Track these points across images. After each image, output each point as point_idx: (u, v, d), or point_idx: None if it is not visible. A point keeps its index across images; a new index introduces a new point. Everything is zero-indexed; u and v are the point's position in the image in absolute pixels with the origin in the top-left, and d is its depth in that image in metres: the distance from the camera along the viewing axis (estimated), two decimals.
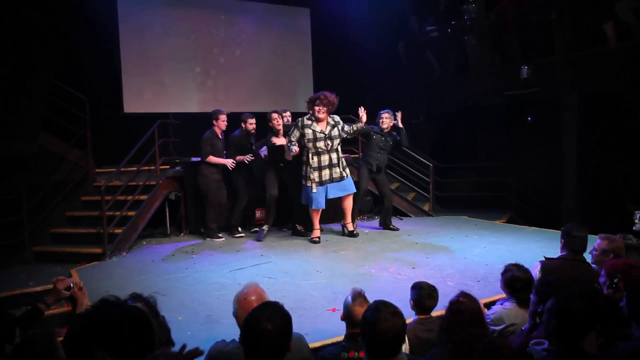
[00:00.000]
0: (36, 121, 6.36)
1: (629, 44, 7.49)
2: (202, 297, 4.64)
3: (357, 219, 7.54)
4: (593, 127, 8.30)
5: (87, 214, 6.95)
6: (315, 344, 3.33)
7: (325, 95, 6.50)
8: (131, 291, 2.30)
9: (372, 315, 2.28)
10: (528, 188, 9.32)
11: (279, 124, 6.89)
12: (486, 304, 3.40)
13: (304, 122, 6.57)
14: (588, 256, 3.75)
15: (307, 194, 6.65)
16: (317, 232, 6.79)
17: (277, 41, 10.11)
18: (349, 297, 2.87)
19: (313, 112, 6.52)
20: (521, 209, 9.20)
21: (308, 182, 6.58)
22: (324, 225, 7.04)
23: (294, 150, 6.49)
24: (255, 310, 2.14)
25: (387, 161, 7.65)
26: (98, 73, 8.07)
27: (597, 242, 3.67)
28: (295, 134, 6.56)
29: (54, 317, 4.28)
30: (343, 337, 2.88)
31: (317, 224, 6.77)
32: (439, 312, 3.18)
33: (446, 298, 2.93)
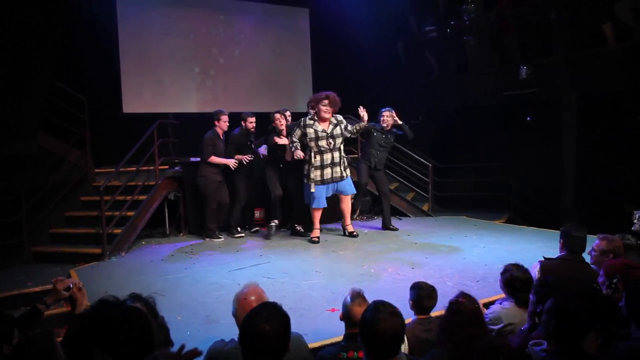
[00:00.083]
0: (36, 121, 6.36)
1: (628, 45, 7.49)
2: (201, 297, 4.64)
3: (357, 218, 7.55)
4: (592, 128, 8.31)
5: (86, 214, 6.94)
6: (315, 344, 3.33)
7: (334, 95, 6.55)
8: (130, 291, 2.30)
9: (371, 315, 2.28)
10: (527, 188, 9.33)
11: (282, 125, 6.89)
12: (485, 304, 3.40)
13: (306, 122, 6.59)
14: (587, 256, 3.75)
15: (308, 193, 6.66)
16: (316, 231, 6.79)
17: (277, 41, 10.11)
18: (348, 297, 2.87)
19: (318, 111, 6.52)
20: (520, 209, 9.20)
21: (311, 181, 6.59)
22: (323, 226, 7.04)
23: (299, 154, 6.49)
24: (253, 311, 2.14)
25: (386, 160, 7.66)
26: (97, 73, 8.07)
27: (595, 243, 3.66)
28: (297, 133, 6.58)
29: (53, 318, 4.27)
30: (342, 337, 2.88)
31: (317, 223, 6.78)
32: (438, 312, 3.19)
33: (445, 298, 2.93)
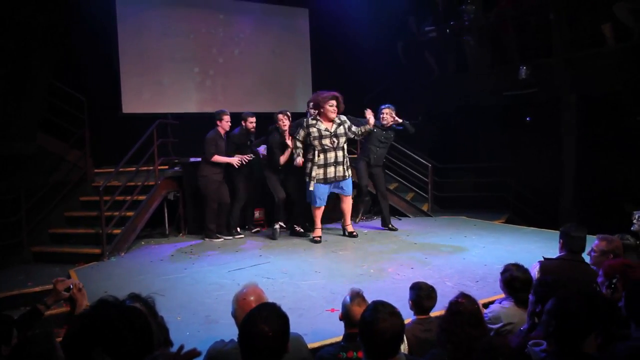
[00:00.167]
0: (35, 121, 6.36)
1: (627, 45, 7.50)
2: (200, 297, 4.64)
3: (357, 221, 7.55)
4: (592, 128, 8.31)
5: (85, 214, 6.95)
6: (314, 344, 3.33)
7: (341, 96, 6.59)
8: (130, 291, 2.30)
9: (371, 316, 2.28)
10: (527, 188, 9.33)
11: (285, 125, 6.88)
12: (485, 304, 3.40)
13: (309, 122, 6.62)
14: (587, 257, 3.75)
15: (312, 193, 6.66)
16: (318, 231, 6.80)
17: (276, 41, 10.11)
18: (347, 297, 2.87)
19: (324, 111, 6.53)
20: (520, 209, 9.20)
21: (313, 180, 6.58)
22: (322, 226, 7.02)
23: (299, 162, 6.55)
24: (252, 312, 2.13)
25: (386, 160, 7.65)
26: (97, 73, 8.08)
27: (595, 243, 3.65)
28: (301, 133, 6.59)
29: (53, 318, 4.27)
30: (341, 337, 2.88)
31: (318, 223, 6.79)
32: (437, 313, 3.19)
33: (445, 298, 2.92)
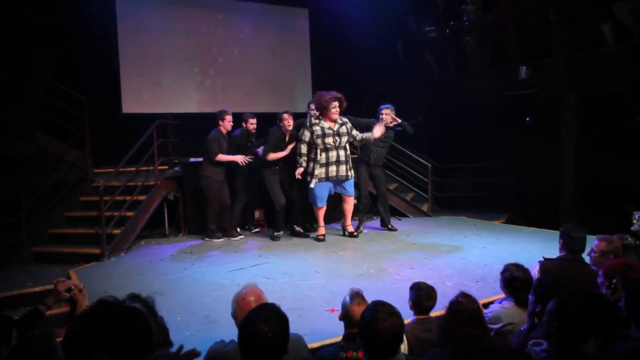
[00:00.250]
0: (35, 121, 6.36)
1: (627, 45, 7.49)
2: (200, 297, 4.64)
3: (361, 230, 7.54)
4: (592, 128, 8.31)
5: (85, 215, 6.95)
6: (314, 344, 3.33)
7: (342, 96, 6.63)
8: (129, 292, 2.30)
9: (370, 315, 2.28)
10: (527, 188, 9.33)
11: (290, 125, 6.88)
12: (485, 305, 3.39)
13: (312, 122, 6.64)
14: (587, 257, 3.75)
15: (314, 193, 6.66)
16: (321, 229, 6.82)
17: (276, 41, 10.10)
18: (347, 297, 2.87)
19: (328, 112, 6.55)
20: (520, 209, 9.20)
21: (316, 179, 6.58)
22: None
23: (299, 172, 6.57)
24: (252, 312, 2.14)
25: (386, 161, 7.65)
26: (96, 73, 8.07)
27: (595, 244, 3.64)
28: (306, 134, 6.61)
29: (53, 318, 4.27)
30: (341, 337, 2.87)
31: (321, 222, 6.81)
32: (437, 313, 3.18)
33: (445, 298, 2.92)
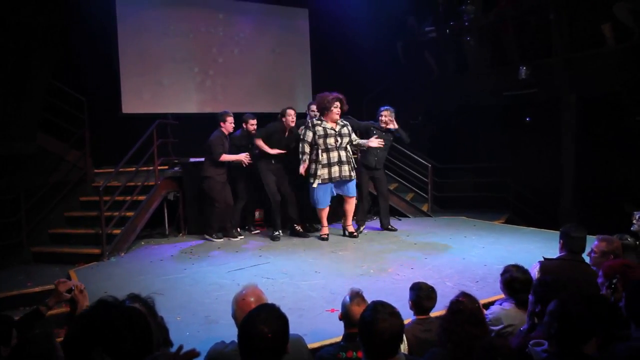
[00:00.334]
0: (35, 121, 6.36)
1: (627, 45, 7.49)
2: (200, 297, 4.64)
3: (365, 221, 7.55)
4: (592, 128, 8.31)
5: (85, 215, 6.94)
6: (314, 344, 3.33)
7: (343, 97, 6.65)
8: (129, 292, 2.30)
9: (370, 315, 2.28)
10: (527, 188, 9.33)
11: (292, 121, 6.88)
12: (485, 305, 3.39)
13: (314, 122, 6.65)
14: (587, 257, 3.75)
15: (315, 194, 6.64)
16: (325, 229, 6.83)
17: (276, 41, 10.10)
18: (347, 297, 2.87)
19: (329, 111, 6.56)
20: (519, 209, 9.20)
21: (318, 180, 6.56)
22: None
23: (302, 168, 6.57)
24: (251, 313, 2.14)
25: (386, 161, 7.65)
26: (96, 73, 8.07)
27: (594, 244, 3.65)
28: (309, 134, 6.60)
29: (53, 318, 4.26)
30: (341, 337, 2.87)
31: (325, 221, 6.82)
32: (437, 313, 3.18)
33: (445, 299, 2.92)
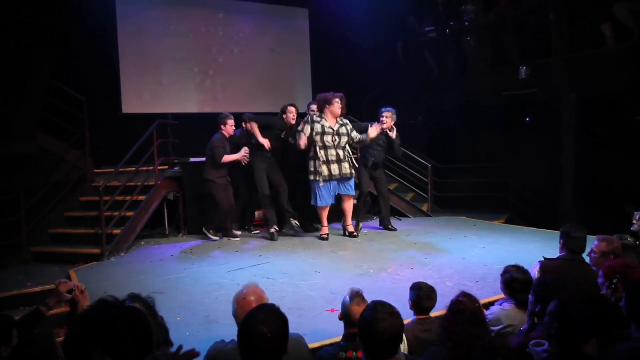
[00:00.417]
0: (35, 121, 6.36)
1: (627, 45, 7.50)
2: (200, 297, 4.64)
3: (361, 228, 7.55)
4: (592, 128, 8.31)
5: (85, 215, 6.94)
6: (314, 344, 3.32)
7: (344, 97, 6.67)
8: (130, 292, 2.30)
9: (370, 315, 2.28)
10: (527, 188, 9.33)
11: (293, 119, 6.88)
12: (485, 305, 3.39)
13: (314, 119, 6.63)
14: (587, 257, 3.75)
15: (315, 192, 6.62)
16: (325, 229, 6.81)
17: (276, 41, 10.11)
18: (347, 297, 2.87)
19: (330, 108, 6.56)
20: (519, 209, 9.21)
21: (318, 177, 6.54)
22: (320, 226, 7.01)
23: (302, 143, 6.50)
24: (251, 313, 2.14)
25: (386, 161, 7.65)
26: (97, 73, 8.08)
27: (595, 244, 3.65)
28: (307, 128, 6.58)
29: (53, 318, 4.25)
30: (341, 337, 2.87)
31: (325, 221, 6.79)
32: (437, 313, 3.19)
33: (445, 299, 2.92)
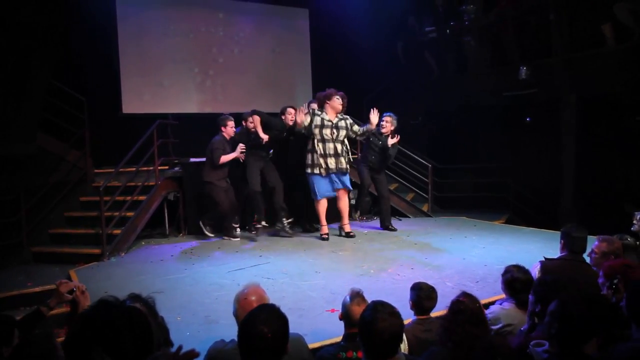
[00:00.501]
0: (35, 121, 6.36)
1: (627, 45, 7.50)
2: (200, 297, 4.64)
3: (357, 218, 7.57)
4: (592, 128, 8.32)
5: (85, 215, 6.94)
6: (314, 344, 3.32)
7: (345, 96, 6.70)
8: (130, 292, 2.30)
9: (370, 315, 2.28)
10: (527, 188, 9.34)
11: (291, 120, 6.90)
12: (485, 305, 3.39)
13: (315, 111, 6.66)
14: (587, 257, 3.75)
15: (312, 185, 6.61)
16: (324, 228, 6.78)
17: (276, 41, 10.12)
18: (347, 297, 2.87)
19: (330, 103, 6.59)
20: (520, 209, 9.21)
21: (315, 170, 6.54)
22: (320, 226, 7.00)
23: (302, 115, 6.52)
24: (251, 313, 2.14)
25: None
26: (97, 74, 8.09)
27: (595, 244, 3.65)
28: (307, 118, 6.60)
29: (53, 318, 4.25)
30: (341, 337, 2.87)
31: (323, 220, 6.77)
32: (437, 313, 3.19)
33: (445, 299, 2.92)
